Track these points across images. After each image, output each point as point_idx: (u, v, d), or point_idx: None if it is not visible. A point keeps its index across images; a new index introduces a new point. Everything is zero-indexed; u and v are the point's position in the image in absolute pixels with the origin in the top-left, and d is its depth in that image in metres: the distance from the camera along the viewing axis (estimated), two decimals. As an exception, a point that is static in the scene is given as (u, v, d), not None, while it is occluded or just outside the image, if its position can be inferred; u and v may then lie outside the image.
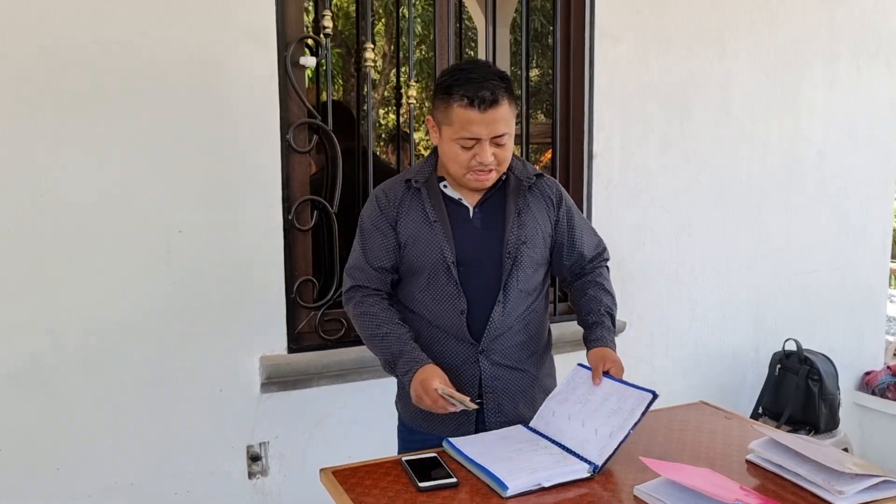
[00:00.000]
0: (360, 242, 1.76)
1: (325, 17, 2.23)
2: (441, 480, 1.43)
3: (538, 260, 1.75)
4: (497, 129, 1.60)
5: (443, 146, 1.66)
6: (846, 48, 3.38)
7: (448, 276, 1.68)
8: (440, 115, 1.64)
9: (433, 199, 1.71)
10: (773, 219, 3.28)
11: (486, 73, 1.61)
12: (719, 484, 1.39)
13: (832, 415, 3.05)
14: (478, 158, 1.61)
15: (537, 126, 9.37)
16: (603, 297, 1.85)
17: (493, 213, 1.73)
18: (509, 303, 1.71)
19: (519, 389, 1.76)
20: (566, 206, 1.82)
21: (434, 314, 1.72)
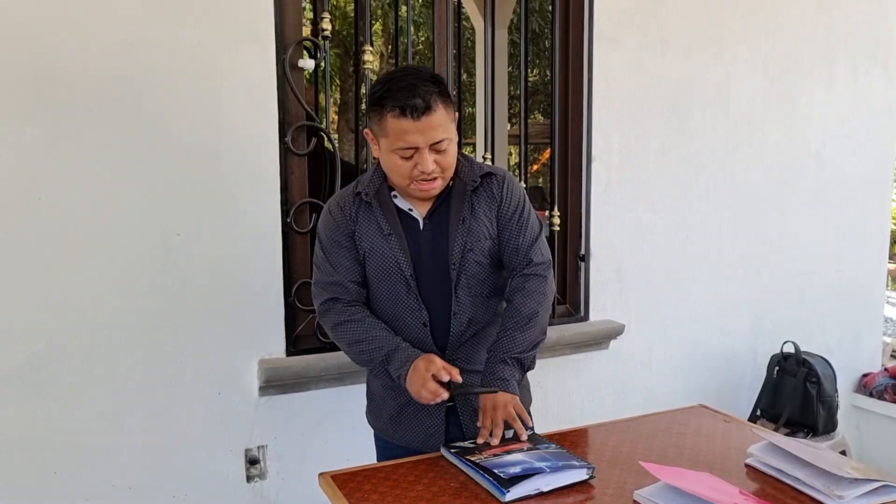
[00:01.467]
0: (325, 259, 1.71)
1: (324, 20, 2.23)
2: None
3: (488, 264, 1.72)
4: (434, 135, 1.56)
5: (383, 158, 1.62)
6: (844, 51, 3.39)
7: (407, 289, 1.67)
8: (376, 128, 1.60)
9: (386, 211, 1.68)
10: (770, 221, 3.28)
11: (417, 80, 1.55)
12: (719, 488, 1.39)
13: (830, 417, 3.05)
14: (419, 168, 1.58)
15: (536, 126, 9.41)
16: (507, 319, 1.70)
17: (442, 223, 1.70)
18: (464, 311, 1.70)
19: None
20: (509, 200, 1.73)
21: (398, 327, 1.70)
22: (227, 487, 2.22)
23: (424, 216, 1.69)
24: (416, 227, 1.69)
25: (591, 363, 2.83)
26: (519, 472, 1.40)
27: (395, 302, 1.69)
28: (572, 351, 2.77)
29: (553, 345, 2.68)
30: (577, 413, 2.77)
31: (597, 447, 1.69)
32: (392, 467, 1.54)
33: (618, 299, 2.89)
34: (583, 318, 2.82)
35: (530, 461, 1.46)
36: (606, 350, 2.87)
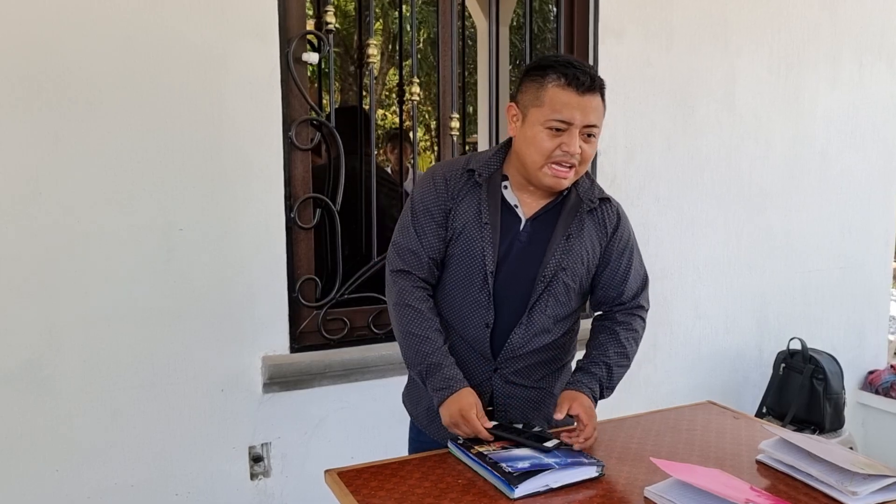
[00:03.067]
0: (412, 223, 1.62)
1: (328, 13, 2.22)
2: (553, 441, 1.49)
3: (576, 289, 1.63)
4: (591, 117, 1.49)
5: (525, 132, 1.52)
6: (848, 46, 3.37)
7: (483, 285, 1.58)
8: (528, 98, 1.51)
9: (492, 198, 1.58)
10: (775, 217, 3.27)
11: (584, 63, 1.52)
12: (730, 484, 1.37)
13: (837, 414, 3.03)
14: (564, 147, 1.49)
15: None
16: (610, 347, 1.68)
17: (543, 231, 1.60)
18: (532, 326, 1.61)
19: (531, 405, 1.69)
20: (620, 236, 1.67)
21: (460, 321, 1.63)
22: (231, 485, 2.20)
23: (529, 216, 1.60)
24: (516, 226, 1.60)
25: (597, 360, 2.81)
26: (528, 467, 1.39)
27: (465, 293, 1.61)
28: (578, 348, 2.74)
29: (558, 342, 2.66)
30: (583, 410, 2.75)
31: (605, 444, 1.67)
32: (399, 464, 1.52)
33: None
34: (587, 316, 2.80)
35: (539, 457, 1.44)
36: (611, 347, 2.84)
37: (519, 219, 1.60)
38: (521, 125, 1.53)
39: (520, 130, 1.54)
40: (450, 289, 1.63)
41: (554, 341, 1.66)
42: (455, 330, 1.63)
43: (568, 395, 1.60)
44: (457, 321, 1.63)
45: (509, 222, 1.59)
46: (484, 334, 1.61)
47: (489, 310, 1.59)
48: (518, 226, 1.59)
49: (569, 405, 1.56)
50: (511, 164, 1.61)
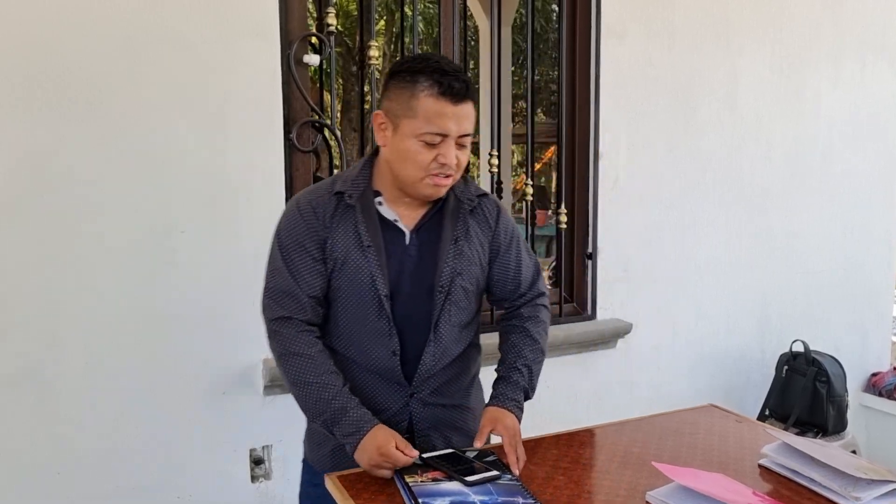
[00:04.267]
0: (283, 263, 1.49)
1: (329, 15, 2.21)
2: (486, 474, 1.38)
3: (473, 292, 1.57)
4: (465, 126, 1.42)
5: (398, 144, 1.43)
6: (851, 46, 3.36)
7: (379, 312, 1.48)
8: (398, 107, 1.41)
9: (367, 219, 1.48)
10: (777, 217, 3.26)
11: (455, 65, 1.44)
12: (732, 489, 1.36)
13: (840, 417, 3.02)
14: (441, 159, 1.41)
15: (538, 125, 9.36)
16: (525, 347, 1.62)
17: (430, 240, 1.52)
18: (442, 341, 1.53)
19: (451, 424, 1.61)
20: (504, 227, 1.61)
21: (364, 355, 1.52)
22: (232, 488, 2.20)
23: (412, 229, 1.52)
24: (401, 242, 1.51)
25: (599, 362, 2.81)
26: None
27: (362, 324, 1.50)
28: (579, 350, 2.75)
29: (560, 344, 2.66)
30: (584, 413, 2.75)
31: (607, 447, 1.66)
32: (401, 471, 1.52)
33: (625, 298, 2.87)
34: (590, 317, 2.80)
35: (466, 494, 1.33)
36: (614, 349, 2.84)
37: (402, 233, 1.51)
38: (393, 136, 1.44)
39: (391, 141, 1.45)
40: (345, 324, 1.52)
41: (465, 351, 1.60)
42: (360, 364, 1.53)
43: (490, 417, 1.53)
44: (360, 355, 1.52)
45: (393, 239, 1.50)
46: (393, 363, 1.51)
47: (392, 337, 1.50)
48: (403, 240, 1.51)
49: (491, 428, 1.51)
50: (382, 178, 1.51)
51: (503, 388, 1.58)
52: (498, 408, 1.55)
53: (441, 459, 1.46)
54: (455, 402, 1.62)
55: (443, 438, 1.60)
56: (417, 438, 1.55)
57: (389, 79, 1.45)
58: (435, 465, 1.43)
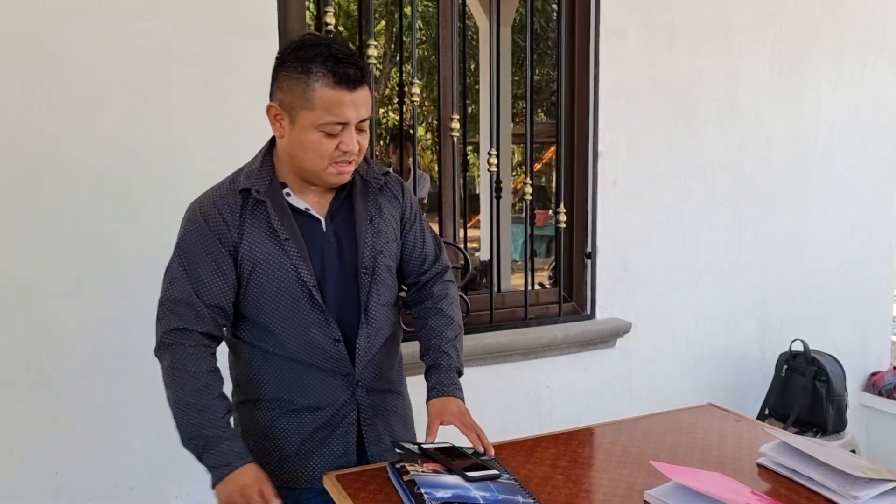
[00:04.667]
0: (184, 272, 1.44)
1: (328, 14, 2.21)
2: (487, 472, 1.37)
3: (394, 267, 1.58)
4: (363, 111, 1.40)
5: (298, 136, 1.39)
6: (851, 46, 3.36)
7: (312, 303, 1.45)
8: (293, 98, 1.37)
9: (280, 212, 1.44)
10: (778, 218, 3.25)
11: (344, 48, 1.39)
12: (731, 488, 1.36)
13: (840, 416, 3.02)
14: (343, 147, 1.39)
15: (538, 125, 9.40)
16: (445, 328, 1.62)
17: (346, 224, 1.51)
18: (374, 322, 1.52)
19: (393, 412, 1.61)
20: (409, 202, 1.62)
21: (306, 351, 1.48)
22: (231, 487, 2.19)
23: (326, 216, 1.50)
24: (318, 230, 1.48)
25: (598, 361, 2.81)
26: (448, 497, 1.26)
27: (297, 320, 1.46)
28: (579, 349, 2.75)
29: (559, 343, 2.65)
30: (584, 412, 2.75)
31: (605, 446, 1.66)
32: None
33: (625, 297, 2.86)
34: (589, 316, 2.80)
35: (467, 488, 1.30)
36: (613, 348, 2.84)
37: (318, 221, 1.49)
38: (291, 128, 1.40)
39: (289, 133, 1.41)
40: (279, 323, 1.47)
41: (395, 330, 1.62)
42: (304, 363, 1.49)
43: (436, 410, 1.52)
44: (302, 352, 1.48)
45: (310, 228, 1.48)
46: (338, 350, 1.49)
47: (330, 324, 1.47)
48: (320, 228, 1.49)
49: (439, 420, 1.49)
50: (284, 169, 1.48)
51: (438, 377, 1.57)
52: (440, 398, 1.54)
53: (440, 451, 1.45)
54: (391, 387, 1.62)
55: (386, 427, 1.59)
56: (365, 429, 1.54)
57: (279, 68, 1.41)
58: (433, 457, 1.43)
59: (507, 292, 2.82)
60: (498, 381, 2.57)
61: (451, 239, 2.58)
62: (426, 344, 1.63)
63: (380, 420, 1.57)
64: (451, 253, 2.59)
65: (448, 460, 1.41)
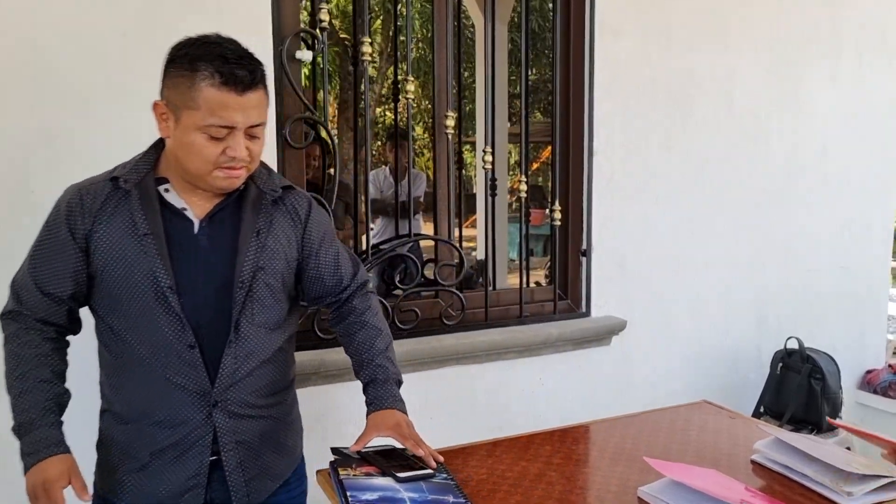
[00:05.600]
0: (30, 255, 1.41)
1: (322, 11, 2.20)
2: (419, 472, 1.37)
3: (280, 289, 1.46)
4: (254, 116, 1.32)
5: (182, 137, 1.32)
6: (848, 43, 3.36)
7: (164, 306, 1.34)
8: (178, 97, 1.30)
9: (146, 205, 1.36)
10: (774, 216, 3.25)
11: (239, 48, 1.33)
12: (725, 485, 1.36)
13: (835, 414, 3.02)
14: (229, 152, 1.31)
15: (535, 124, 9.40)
16: (374, 340, 1.57)
17: (225, 231, 1.40)
18: (244, 342, 1.40)
19: (263, 439, 1.47)
20: (316, 223, 1.52)
21: (155, 356, 1.36)
22: (225, 485, 2.18)
23: (202, 218, 1.40)
24: (188, 231, 1.39)
25: (593, 359, 2.81)
26: (374, 499, 1.28)
27: (148, 322, 1.35)
28: (574, 347, 2.74)
29: (555, 341, 2.65)
30: (579, 409, 2.74)
31: (599, 443, 1.66)
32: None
33: (620, 295, 2.86)
34: (584, 314, 2.80)
35: (395, 490, 1.32)
36: (608, 346, 2.84)
37: (191, 222, 1.39)
38: (175, 127, 1.33)
39: (174, 133, 1.34)
40: (129, 329, 1.37)
41: (275, 356, 1.47)
42: (156, 371, 1.37)
43: (372, 424, 1.48)
44: (152, 357, 1.37)
45: (179, 228, 1.38)
46: (192, 356, 1.36)
47: (185, 329, 1.35)
48: (191, 230, 1.39)
49: (374, 433, 1.46)
50: (169, 167, 1.40)
51: (376, 391, 1.53)
52: (378, 412, 1.50)
53: (378, 454, 1.45)
54: (268, 413, 1.48)
55: (253, 456, 1.45)
56: (224, 455, 1.41)
57: (168, 65, 1.34)
58: (370, 460, 1.43)
59: (502, 290, 2.81)
60: (493, 378, 2.57)
61: (447, 237, 2.58)
62: (358, 360, 1.58)
63: (244, 449, 1.43)
64: (447, 251, 2.58)
65: (382, 462, 1.41)
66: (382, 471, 1.38)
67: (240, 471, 1.42)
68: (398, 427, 1.47)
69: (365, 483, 1.33)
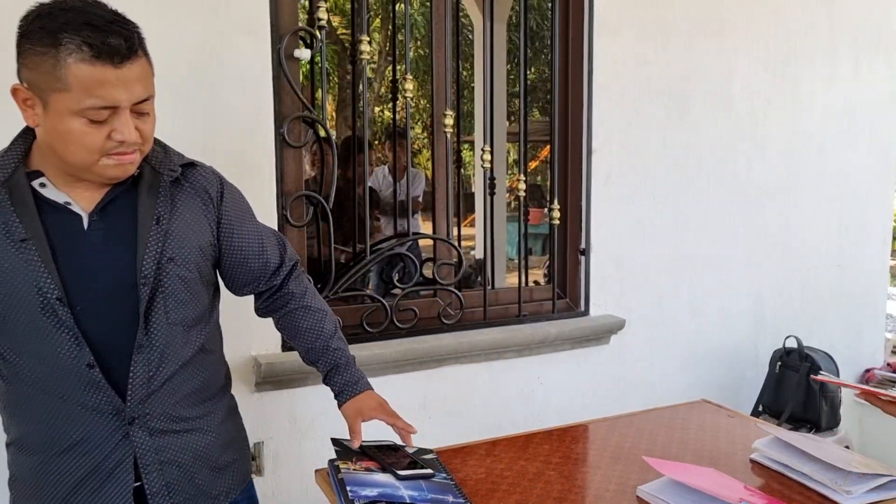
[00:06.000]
0: None
1: (320, 9, 2.20)
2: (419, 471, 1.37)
3: (196, 281, 1.29)
4: (139, 90, 1.14)
5: (54, 124, 1.13)
6: (846, 42, 3.36)
7: (54, 320, 1.16)
8: (42, 78, 1.10)
9: (21, 206, 1.16)
10: (772, 215, 3.26)
11: (108, 12, 1.14)
12: (724, 484, 1.36)
13: (833, 413, 3.02)
14: (116, 136, 1.13)
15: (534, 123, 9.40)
16: (322, 323, 1.48)
17: (121, 222, 1.22)
18: (157, 344, 1.23)
19: (195, 456, 1.30)
20: (232, 200, 1.36)
21: (52, 377, 1.18)
22: (223, 485, 2.18)
23: (91, 212, 1.21)
24: (76, 229, 1.20)
25: (592, 358, 2.81)
26: (374, 496, 1.27)
27: (39, 342, 1.17)
28: (572, 346, 2.74)
29: (553, 340, 2.65)
30: (578, 408, 2.74)
31: (598, 443, 1.66)
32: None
33: (618, 294, 2.86)
34: (583, 313, 2.80)
35: (396, 487, 1.31)
36: (607, 345, 2.84)
37: (78, 217, 1.20)
38: (45, 114, 1.13)
39: (43, 121, 1.14)
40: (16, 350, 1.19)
41: (197, 357, 1.31)
42: (46, 391, 1.19)
43: (353, 409, 1.44)
44: (52, 382, 1.19)
45: (64, 226, 1.19)
46: (93, 377, 1.18)
47: (80, 347, 1.17)
48: (80, 226, 1.20)
49: (360, 419, 1.42)
50: (44, 159, 1.20)
51: (342, 377, 1.48)
52: (354, 398, 1.46)
53: (378, 450, 1.45)
54: (197, 425, 1.31)
55: (186, 478, 1.29)
56: (146, 478, 1.24)
57: (22, 40, 1.14)
58: (371, 455, 1.42)
59: (501, 289, 2.81)
60: (492, 377, 2.57)
61: (446, 236, 2.58)
62: (309, 348, 1.49)
63: (173, 469, 1.27)
64: (445, 250, 2.58)
65: (383, 458, 1.41)
66: (383, 467, 1.38)
67: (167, 495, 1.25)
68: (382, 407, 1.44)
69: (365, 478, 1.33)
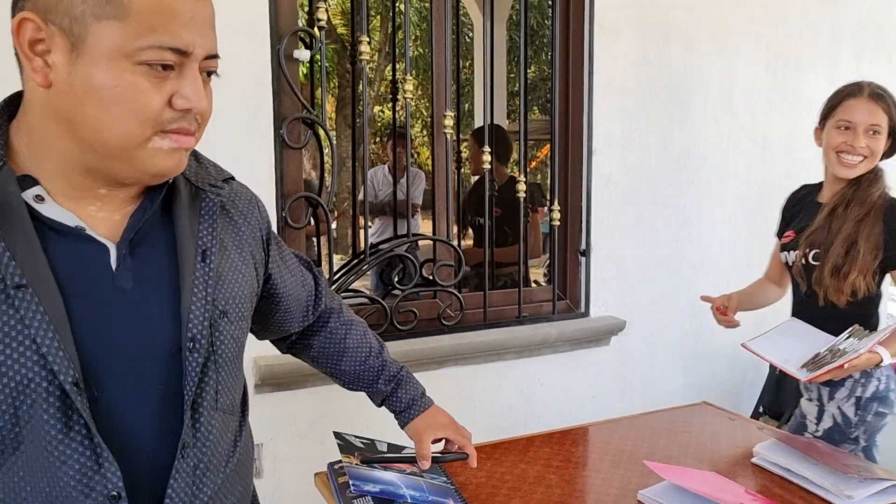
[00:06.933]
0: None
1: (320, 10, 2.19)
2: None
3: (242, 339, 0.93)
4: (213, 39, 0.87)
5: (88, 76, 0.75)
6: (847, 43, 3.35)
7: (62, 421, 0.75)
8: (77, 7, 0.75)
9: (12, 231, 0.76)
10: (773, 215, 3.23)
11: None
12: (724, 488, 1.35)
13: (834, 413, 3.01)
14: (180, 102, 0.79)
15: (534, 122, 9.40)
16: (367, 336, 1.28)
17: (154, 257, 0.84)
18: (206, 442, 0.85)
19: None
20: (272, 231, 1.05)
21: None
22: (222, 487, 2.18)
23: (119, 242, 0.82)
24: (100, 267, 0.81)
25: (592, 359, 2.80)
26: (375, 492, 1.25)
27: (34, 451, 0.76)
28: (573, 347, 2.74)
29: (553, 341, 2.64)
30: (578, 410, 2.74)
31: (599, 446, 1.65)
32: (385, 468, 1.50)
33: (619, 295, 2.86)
34: (583, 314, 2.79)
35: (397, 485, 1.29)
36: (607, 346, 2.83)
37: (101, 248, 0.81)
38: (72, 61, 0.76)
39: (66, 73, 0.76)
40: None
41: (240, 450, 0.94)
42: None
43: (423, 425, 1.28)
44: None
45: (80, 265, 0.79)
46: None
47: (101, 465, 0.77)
48: (105, 261, 0.81)
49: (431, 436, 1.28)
50: (40, 153, 0.81)
51: (405, 393, 1.30)
52: (422, 415, 1.30)
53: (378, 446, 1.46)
54: None
55: None
56: None
57: None
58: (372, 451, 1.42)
59: (501, 290, 2.80)
60: (491, 379, 2.56)
61: (446, 237, 2.57)
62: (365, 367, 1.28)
63: None
64: (445, 251, 2.57)
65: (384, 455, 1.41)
66: (384, 464, 1.38)
67: None
68: (454, 424, 1.33)
69: (367, 474, 1.32)
